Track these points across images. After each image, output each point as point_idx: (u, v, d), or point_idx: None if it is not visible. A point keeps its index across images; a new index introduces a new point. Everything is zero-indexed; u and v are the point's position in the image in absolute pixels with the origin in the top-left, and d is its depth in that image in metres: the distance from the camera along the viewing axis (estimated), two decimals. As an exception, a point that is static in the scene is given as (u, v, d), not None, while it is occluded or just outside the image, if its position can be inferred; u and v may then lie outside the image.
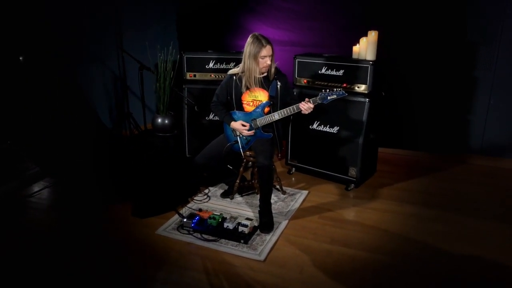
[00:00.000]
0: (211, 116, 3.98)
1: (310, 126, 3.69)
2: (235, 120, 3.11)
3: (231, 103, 3.17)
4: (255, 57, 2.93)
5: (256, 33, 2.98)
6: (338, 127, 3.55)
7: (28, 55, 3.44)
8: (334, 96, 2.86)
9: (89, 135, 3.57)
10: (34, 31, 3.56)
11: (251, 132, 3.07)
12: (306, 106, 2.87)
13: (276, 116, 3.00)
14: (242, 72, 3.09)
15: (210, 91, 3.20)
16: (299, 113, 2.94)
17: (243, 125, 3.06)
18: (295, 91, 3.73)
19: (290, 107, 2.94)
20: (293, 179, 3.87)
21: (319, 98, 2.89)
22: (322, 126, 3.63)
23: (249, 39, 2.96)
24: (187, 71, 3.98)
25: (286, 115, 2.97)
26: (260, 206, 3.02)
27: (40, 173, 3.41)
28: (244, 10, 4.72)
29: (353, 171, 3.53)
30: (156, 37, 4.97)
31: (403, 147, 4.38)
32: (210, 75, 3.97)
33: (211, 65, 3.94)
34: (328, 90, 2.87)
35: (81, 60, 4.05)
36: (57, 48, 3.71)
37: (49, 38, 3.66)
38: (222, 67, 3.94)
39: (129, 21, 4.55)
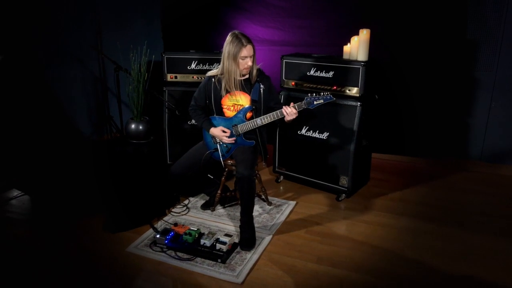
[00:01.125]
0: (193, 121, 3.72)
1: (298, 132, 3.44)
2: (215, 126, 2.85)
3: (210, 107, 2.91)
4: (235, 57, 2.68)
5: (236, 31, 2.73)
6: (328, 133, 3.30)
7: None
8: (321, 101, 2.61)
9: (63, 142, 3.30)
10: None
11: (232, 140, 2.82)
12: (289, 111, 2.62)
13: (258, 122, 2.74)
14: (221, 74, 2.83)
15: (192, 94, 2.95)
16: (284, 119, 2.68)
17: (224, 131, 2.81)
18: (282, 94, 3.48)
19: (274, 112, 2.69)
20: (281, 188, 3.61)
21: (304, 103, 2.63)
22: (311, 131, 3.38)
23: (228, 38, 2.71)
24: (168, 73, 3.72)
25: (270, 121, 2.72)
26: (240, 220, 2.76)
27: (6, 185, 3.14)
28: (230, 7, 4.46)
29: (344, 180, 3.28)
30: (139, 36, 4.71)
31: (398, 153, 4.13)
32: (192, 77, 3.71)
33: (193, 66, 3.69)
34: (314, 94, 2.62)
35: (56, 60, 3.79)
36: (27, 46, 3.45)
37: (18, 35, 3.39)
38: (205, 68, 3.68)
39: (109, 18, 4.28)
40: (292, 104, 2.65)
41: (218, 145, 2.90)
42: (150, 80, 4.02)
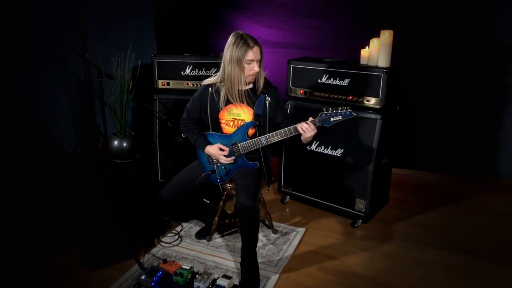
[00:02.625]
0: (188, 134, 3.29)
1: (308, 147, 3.00)
2: (211, 144, 2.42)
3: (206, 121, 2.48)
4: (239, 62, 2.26)
5: (240, 31, 2.30)
6: (342, 150, 2.86)
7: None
8: (339, 118, 2.18)
9: (40, 158, 2.86)
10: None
11: (231, 160, 2.38)
12: (305, 127, 2.18)
13: (263, 141, 2.31)
14: (221, 82, 2.40)
15: (186, 103, 2.53)
16: (297, 137, 2.26)
17: (221, 150, 2.38)
18: (288, 104, 3.05)
19: (285, 129, 2.25)
20: (287, 210, 3.18)
21: (318, 120, 2.20)
22: (323, 147, 2.94)
23: (231, 39, 2.29)
24: (159, 79, 3.28)
25: (279, 139, 2.29)
26: (242, 257, 2.33)
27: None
28: (229, 6, 4.02)
29: (361, 204, 2.85)
30: (129, 38, 4.26)
31: (418, 167, 3.69)
32: (187, 83, 3.28)
33: (187, 71, 3.25)
34: (330, 109, 2.19)
35: (35, 65, 3.34)
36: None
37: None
38: (201, 73, 3.24)
39: (96, 18, 3.83)
40: (311, 119, 2.22)
41: (215, 166, 2.47)
42: (139, 87, 3.58)
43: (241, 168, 2.43)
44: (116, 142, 2.78)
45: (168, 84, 3.29)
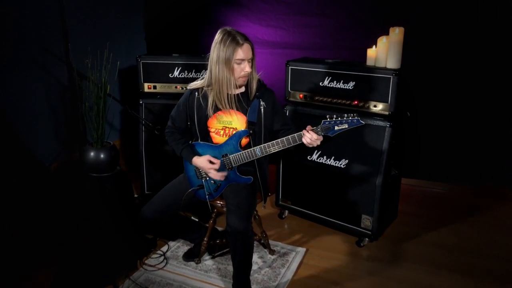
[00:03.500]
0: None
1: (308, 157, 2.71)
2: (199, 155, 2.13)
3: (193, 130, 2.20)
4: (228, 62, 1.98)
5: (228, 28, 2.02)
6: (347, 161, 2.57)
7: None
8: (345, 126, 1.88)
9: (11, 172, 2.55)
10: None
11: (222, 175, 2.09)
12: (310, 136, 1.89)
13: (258, 152, 2.02)
14: (208, 86, 2.11)
15: (174, 107, 2.26)
16: (300, 146, 1.97)
17: (211, 162, 2.08)
18: (287, 109, 2.76)
19: (281, 139, 1.96)
20: (285, 226, 2.89)
21: (321, 129, 1.91)
22: (325, 157, 2.65)
23: (217, 37, 2.01)
24: (145, 81, 3.00)
25: (274, 151, 2.00)
26: (233, 285, 2.04)
27: None
28: (223, 3, 3.74)
29: (367, 221, 2.55)
30: (116, 36, 3.98)
31: (427, 177, 3.39)
32: (175, 87, 2.99)
33: (176, 73, 2.96)
34: (335, 116, 1.89)
35: (9, 65, 3.04)
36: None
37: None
38: (191, 76, 2.96)
39: (78, 15, 3.53)
40: (309, 127, 1.92)
41: (203, 181, 2.18)
42: (123, 91, 3.30)
43: (233, 183, 2.14)
44: (92, 154, 2.47)
45: (154, 87, 3.00)
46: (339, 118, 1.88)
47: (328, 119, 1.89)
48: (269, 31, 3.62)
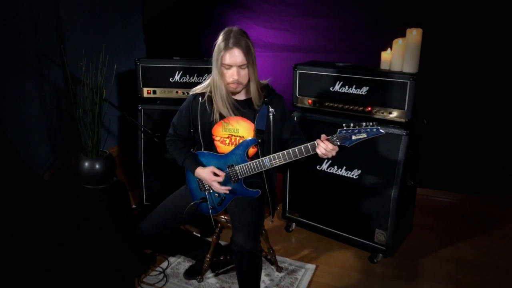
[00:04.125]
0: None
1: (317, 167, 2.55)
2: (203, 166, 1.97)
3: (196, 139, 2.03)
4: (218, 65, 1.86)
5: (233, 27, 1.87)
6: (359, 171, 2.41)
7: None
8: (363, 136, 1.72)
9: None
10: None
11: (226, 189, 1.92)
12: (325, 146, 1.73)
13: (266, 163, 1.86)
14: (211, 92, 1.95)
15: (175, 114, 2.09)
16: (311, 155, 1.81)
17: (215, 174, 1.92)
18: (294, 116, 2.60)
19: (292, 149, 1.80)
20: (293, 240, 2.72)
21: (337, 138, 1.75)
22: (336, 167, 2.49)
23: (219, 36, 1.86)
24: (144, 86, 2.83)
25: (285, 161, 1.84)
26: (239, 309, 1.87)
27: None
28: (226, 4, 3.59)
29: (381, 236, 2.39)
30: (114, 38, 3.83)
31: (442, 186, 3.21)
32: (176, 92, 2.83)
33: (177, 77, 2.80)
34: (352, 124, 1.73)
35: (2, 68, 2.88)
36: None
37: None
38: (193, 80, 2.80)
39: (75, 15, 3.38)
40: (323, 137, 1.76)
41: (207, 194, 2.01)
42: (121, 96, 3.13)
43: (239, 196, 1.97)
44: (86, 164, 2.29)
45: (154, 92, 2.84)
46: (357, 127, 1.72)
47: (345, 128, 1.73)
48: (274, 33, 3.47)
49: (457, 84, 2.94)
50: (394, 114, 2.29)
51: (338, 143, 1.74)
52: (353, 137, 1.72)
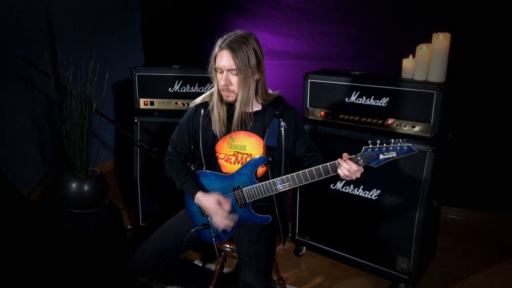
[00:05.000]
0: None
1: (331, 186, 2.31)
2: (206, 191, 1.73)
3: (198, 157, 1.80)
4: (212, 68, 1.69)
5: (239, 30, 1.66)
6: (379, 191, 2.17)
7: None
8: (393, 155, 1.49)
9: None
10: None
11: (232, 221, 1.68)
12: (348, 167, 1.50)
13: (279, 186, 1.62)
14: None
15: (174, 127, 1.86)
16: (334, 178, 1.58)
17: (220, 203, 1.67)
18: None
19: (313, 168, 1.57)
20: (303, 266, 2.47)
21: (362, 158, 1.51)
22: (352, 187, 2.25)
23: None
24: (140, 97, 2.60)
25: (300, 184, 1.60)
26: None
27: None
28: (230, 10, 3.39)
29: (404, 264, 2.14)
30: (110, 46, 3.62)
31: (465, 205, 2.96)
32: (176, 103, 2.60)
33: (176, 87, 2.58)
34: (379, 142, 1.50)
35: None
36: None
37: None
38: (193, 90, 2.57)
39: (70, 24, 3.17)
40: (345, 155, 1.53)
41: (209, 219, 1.77)
42: (118, 108, 2.89)
43: (246, 223, 1.73)
44: (74, 186, 2.03)
45: (151, 103, 2.61)
46: (385, 144, 1.48)
47: (371, 146, 1.49)
48: (280, 40, 3.26)
49: (485, 94, 2.71)
50: (418, 128, 2.05)
51: (363, 164, 1.51)
52: (381, 157, 1.49)
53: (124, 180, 3.49)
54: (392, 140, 1.49)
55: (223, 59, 1.61)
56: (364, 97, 2.18)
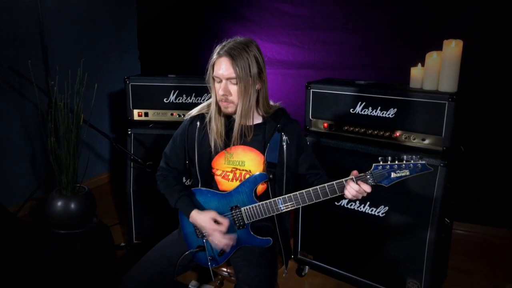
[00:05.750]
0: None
1: (336, 202, 2.17)
2: (201, 208, 1.59)
3: (193, 173, 1.67)
4: (210, 77, 1.57)
5: (238, 37, 1.55)
6: (386, 208, 2.04)
7: None
8: (406, 173, 1.36)
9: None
10: None
11: (230, 241, 1.54)
12: (356, 188, 1.37)
13: (281, 205, 1.49)
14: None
15: (170, 140, 1.74)
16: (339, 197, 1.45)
17: (217, 222, 1.54)
18: (307, 142, 2.23)
19: (318, 187, 1.44)
20: (306, 286, 2.32)
21: (372, 176, 1.38)
22: (358, 203, 2.12)
23: None
24: (134, 108, 2.49)
25: (304, 204, 1.47)
26: None
27: None
28: (229, 18, 3.30)
29: (414, 286, 1.99)
30: (105, 55, 3.52)
31: (477, 220, 2.82)
32: (171, 114, 2.48)
33: (172, 97, 2.46)
34: (390, 159, 1.37)
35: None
36: None
37: None
38: (190, 101, 2.46)
39: (61, 30, 3.07)
40: (354, 173, 1.41)
41: (204, 241, 1.63)
42: (113, 119, 2.76)
43: (245, 245, 1.59)
44: (59, 204, 1.89)
45: (146, 114, 2.49)
46: (397, 162, 1.35)
47: (381, 163, 1.36)
48: (281, 48, 3.15)
49: (499, 104, 2.58)
50: (428, 141, 1.93)
51: (373, 183, 1.38)
52: (393, 175, 1.36)
53: (119, 194, 3.35)
54: (405, 157, 1.36)
55: (222, 67, 1.49)
56: (370, 108, 2.06)
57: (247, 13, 3.19)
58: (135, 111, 2.49)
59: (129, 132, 2.48)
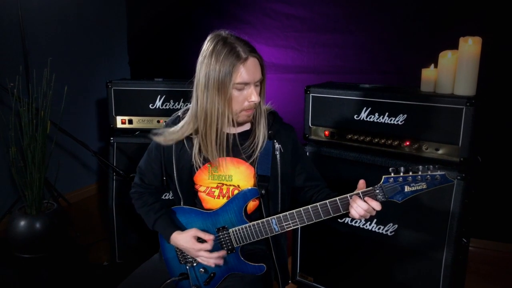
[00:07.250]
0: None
1: (338, 219, 1.94)
2: (182, 229, 1.37)
3: (172, 189, 1.45)
4: (223, 86, 1.25)
5: (224, 33, 1.32)
6: (395, 226, 1.81)
7: None
8: (422, 187, 1.15)
9: None
10: None
11: (218, 259, 1.32)
12: (364, 206, 1.16)
13: (275, 226, 1.28)
14: (195, 124, 1.37)
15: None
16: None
17: (200, 240, 1.32)
18: (307, 151, 2.02)
19: (318, 205, 1.23)
20: (305, 312, 2.09)
21: (382, 191, 1.17)
22: (363, 220, 1.89)
23: (207, 46, 1.32)
24: (117, 114, 2.28)
25: (302, 224, 1.26)
26: None
27: None
28: (223, 20, 3.11)
29: (428, 315, 1.76)
30: (94, 61, 3.33)
31: (496, 237, 2.59)
32: (158, 121, 2.28)
33: (158, 103, 2.26)
34: (403, 170, 1.15)
35: None
36: None
37: None
38: (178, 106, 2.26)
39: (45, 35, 2.87)
40: (362, 182, 1.19)
41: (188, 268, 1.41)
42: (97, 128, 2.52)
43: (234, 272, 1.36)
44: (22, 224, 1.65)
45: (130, 122, 2.28)
46: (411, 173, 1.14)
47: (393, 175, 1.15)
48: (278, 52, 2.95)
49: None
50: (442, 151, 1.71)
51: (383, 199, 1.16)
52: (407, 189, 1.14)
53: (107, 207, 3.13)
54: (420, 167, 1.15)
55: (251, 70, 1.26)
56: (376, 114, 1.84)
57: (241, 14, 3.01)
58: (118, 118, 2.29)
59: (111, 141, 2.27)
